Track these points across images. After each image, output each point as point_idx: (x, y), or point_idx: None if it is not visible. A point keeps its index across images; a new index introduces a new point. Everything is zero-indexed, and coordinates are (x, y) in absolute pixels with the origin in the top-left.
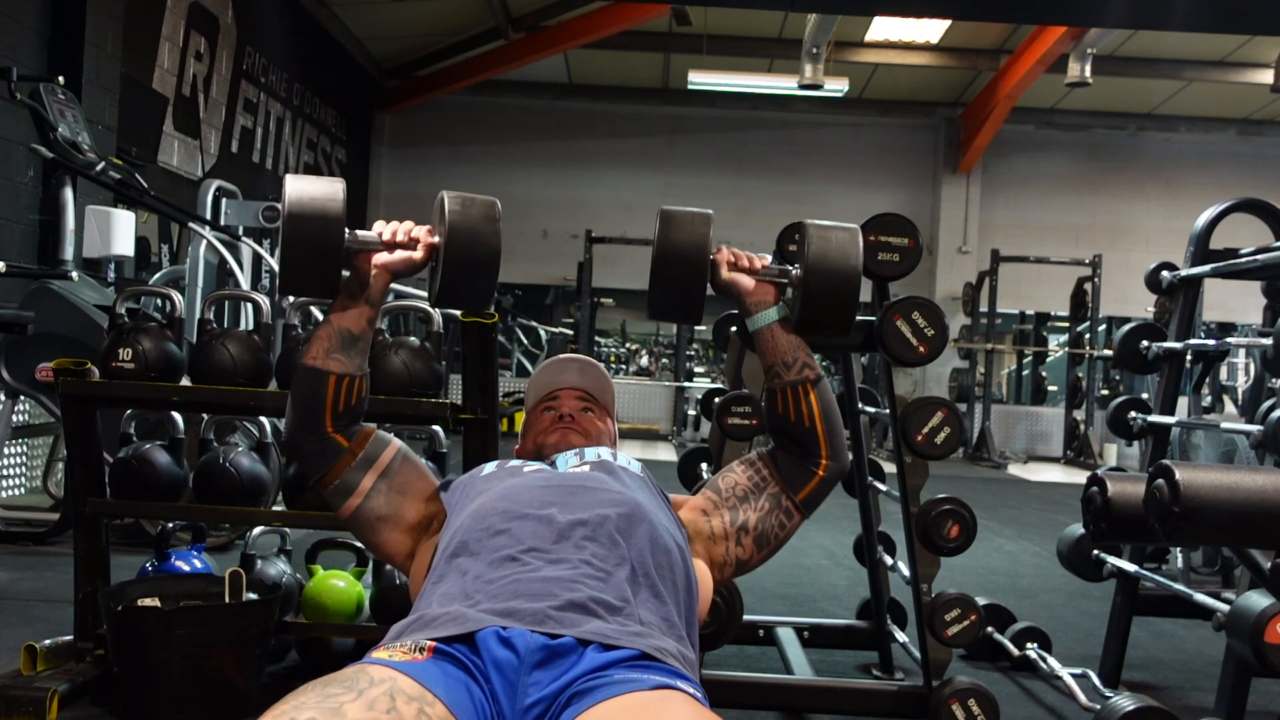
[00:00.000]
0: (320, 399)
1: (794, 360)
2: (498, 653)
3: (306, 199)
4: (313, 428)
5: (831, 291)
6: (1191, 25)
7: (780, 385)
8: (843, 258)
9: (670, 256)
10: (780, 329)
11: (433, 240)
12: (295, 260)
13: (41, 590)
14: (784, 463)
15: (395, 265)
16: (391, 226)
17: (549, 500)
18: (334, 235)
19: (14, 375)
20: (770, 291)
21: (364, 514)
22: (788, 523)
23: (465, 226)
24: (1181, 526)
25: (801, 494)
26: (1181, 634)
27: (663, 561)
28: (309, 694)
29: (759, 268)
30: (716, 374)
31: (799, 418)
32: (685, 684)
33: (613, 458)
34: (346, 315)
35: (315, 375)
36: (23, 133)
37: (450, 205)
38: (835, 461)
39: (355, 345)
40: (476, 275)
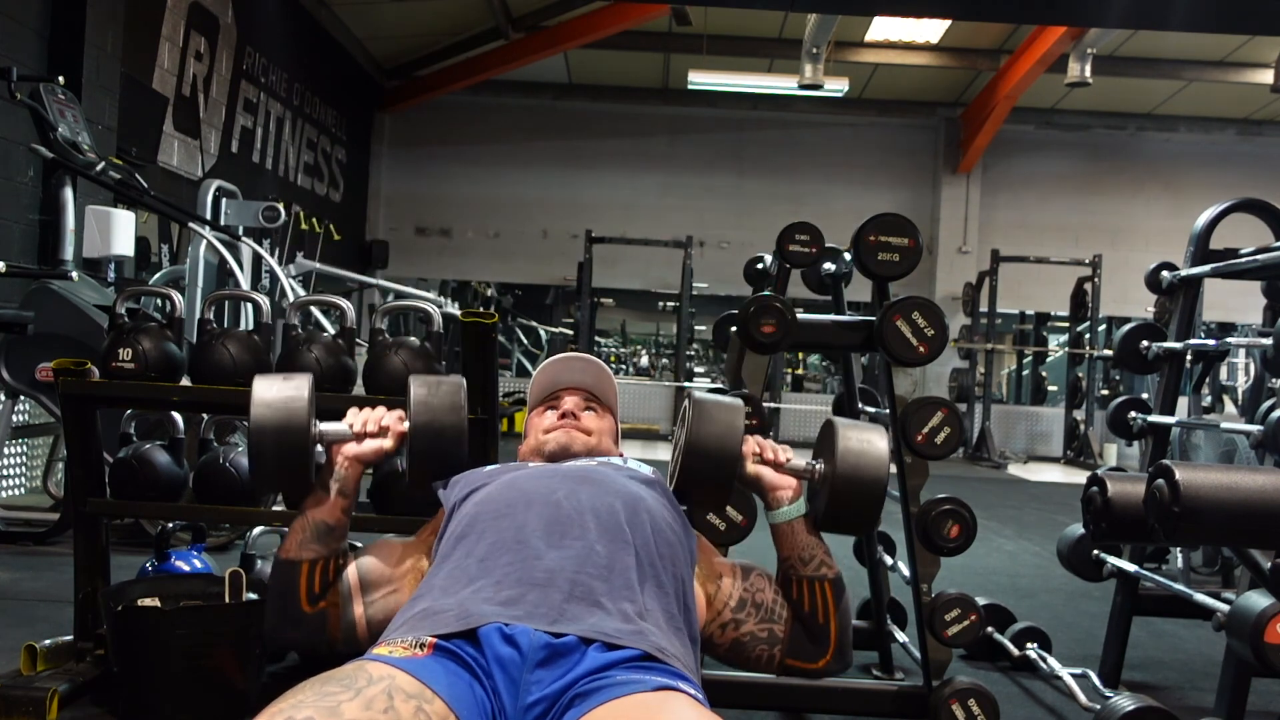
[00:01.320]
0: (294, 588)
1: (811, 558)
2: (501, 650)
3: (272, 406)
4: (291, 616)
5: (859, 495)
6: (1191, 25)
7: (796, 576)
8: (872, 463)
9: (700, 449)
10: (801, 525)
11: (402, 428)
12: (264, 467)
13: (41, 590)
14: (794, 633)
15: (366, 456)
16: (362, 416)
17: (555, 487)
18: (299, 439)
19: (14, 375)
20: (793, 485)
21: (378, 624)
22: (760, 663)
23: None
24: (1181, 526)
25: (791, 661)
26: (1181, 634)
27: (665, 552)
28: (306, 692)
29: (784, 461)
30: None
31: (813, 611)
32: (687, 685)
33: (622, 461)
34: (320, 508)
35: (288, 567)
36: (23, 133)
37: (415, 394)
38: (838, 663)
39: (331, 534)
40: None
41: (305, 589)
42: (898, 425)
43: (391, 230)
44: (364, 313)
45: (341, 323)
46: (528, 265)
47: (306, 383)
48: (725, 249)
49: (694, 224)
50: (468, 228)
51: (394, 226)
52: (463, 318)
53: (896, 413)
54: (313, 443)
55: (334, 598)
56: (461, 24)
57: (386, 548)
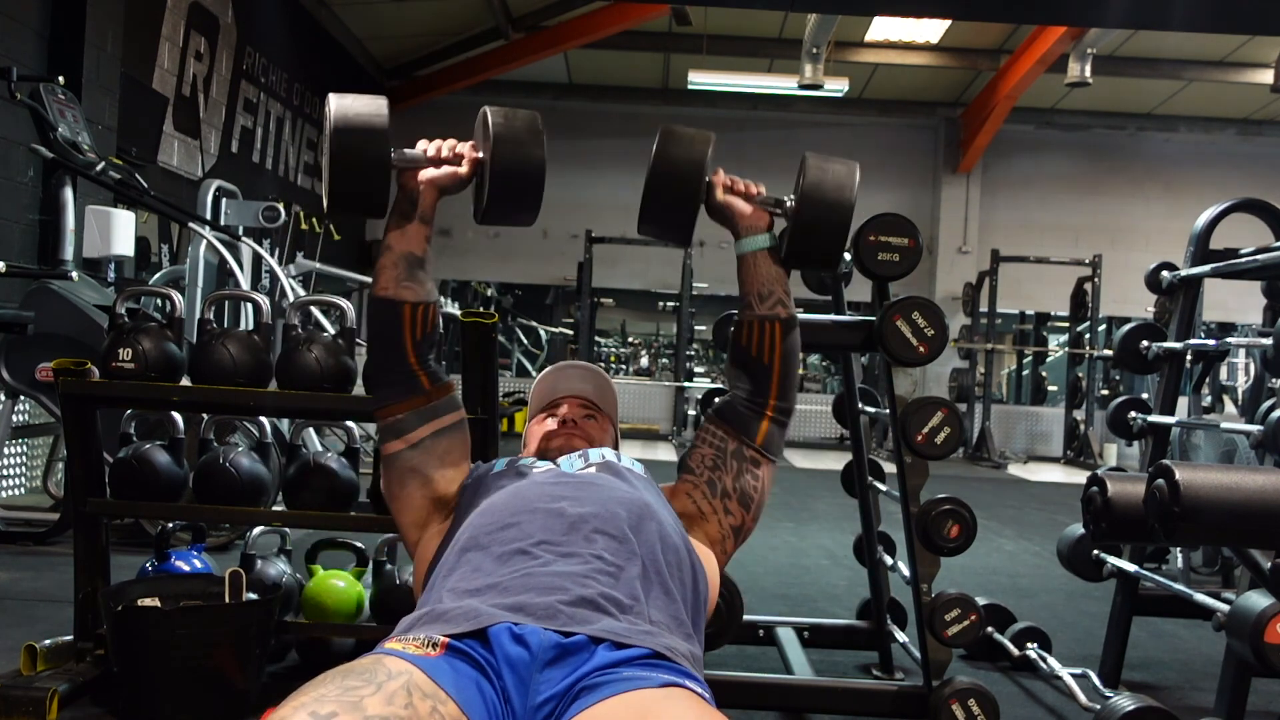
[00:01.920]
0: (399, 329)
1: (769, 294)
2: (510, 650)
3: (351, 115)
4: (397, 360)
5: (823, 221)
6: (1191, 25)
7: (750, 316)
8: (837, 190)
9: (667, 172)
10: (766, 257)
11: (477, 155)
12: (343, 175)
13: (41, 590)
14: (731, 416)
15: (442, 180)
16: (435, 143)
17: (559, 495)
18: (380, 149)
19: (14, 375)
20: (763, 218)
21: (404, 460)
22: (758, 471)
23: (510, 138)
24: (1181, 526)
25: (758, 438)
26: (1181, 634)
27: (672, 560)
28: (328, 685)
29: (755, 193)
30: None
31: (759, 353)
32: (693, 683)
33: (617, 458)
34: (405, 237)
35: (390, 306)
36: (23, 133)
37: (494, 119)
38: (783, 401)
39: (421, 268)
40: (523, 188)
41: (410, 336)
42: (898, 425)
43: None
44: (364, 313)
45: (341, 323)
46: (528, 265)
47: (384, 102)
48: (725, 249)
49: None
50: (468, 228)
51: None
52: (463, 318)
53: (896, 413)
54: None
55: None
56: (461, 24)
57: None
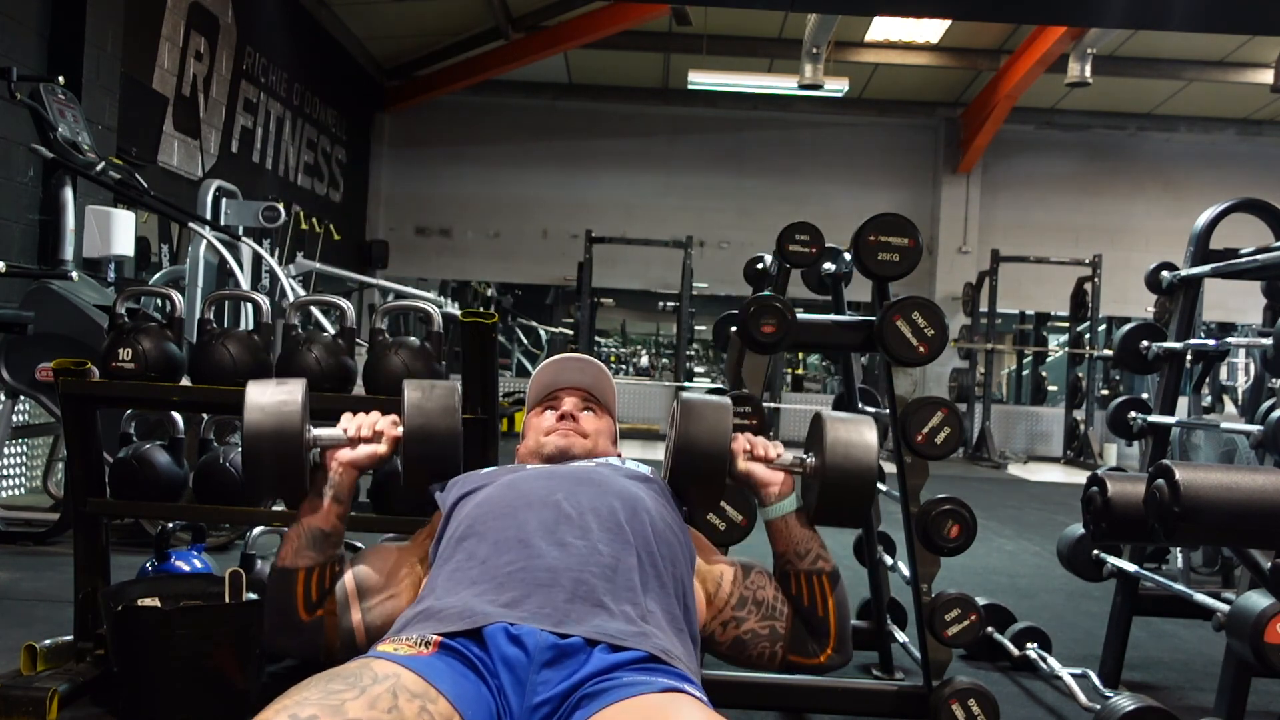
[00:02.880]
0: (291, 596)
1: (807, 551)
2: (507, 650)
3: (265, 411)
4: (289, 624)
5: (849, 487)
6: (1191, 25)
7: (793, 571)
8: (860, 452)
9: (691, 449)
10: (794, 519)
11: (396, 433)
12: (258, 473)
13: (41, 590)
14: (794, 629)
15: (361, 461)
16: (356, 421)
17: (555, 488)
18: (293, 444)
19: (14, 375)
20: (785, 481)
21: (376, 630)
22: (763, 661)
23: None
24: (1181, 526)
25: (794, 657)
26: (1181, 634)
27: (665, 553)
28: (311, 689)
29: (774, 456)
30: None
31: (812, 605)
32: (692, 687)
33: (620, 461)
34: (316, 515)
35: (285, 575)
36: (23, 133)
37: (409, 398)
38: (839, 655)
39: (326, 541)
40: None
41: (302, 597)
42: (898, 425)
43: (391, 230)
44: (364, 313)
45: (341, 323)
46: (528, 265)
47: (300, 388)
48: (725, 249)
49: (694, 224)
50: (468, 228)
51: (394, 226)
52: (463, 318)
53: (896, 413)
54: (307, 448)
55: (331, 605)
56: (461, 24)
57: (383, 553)
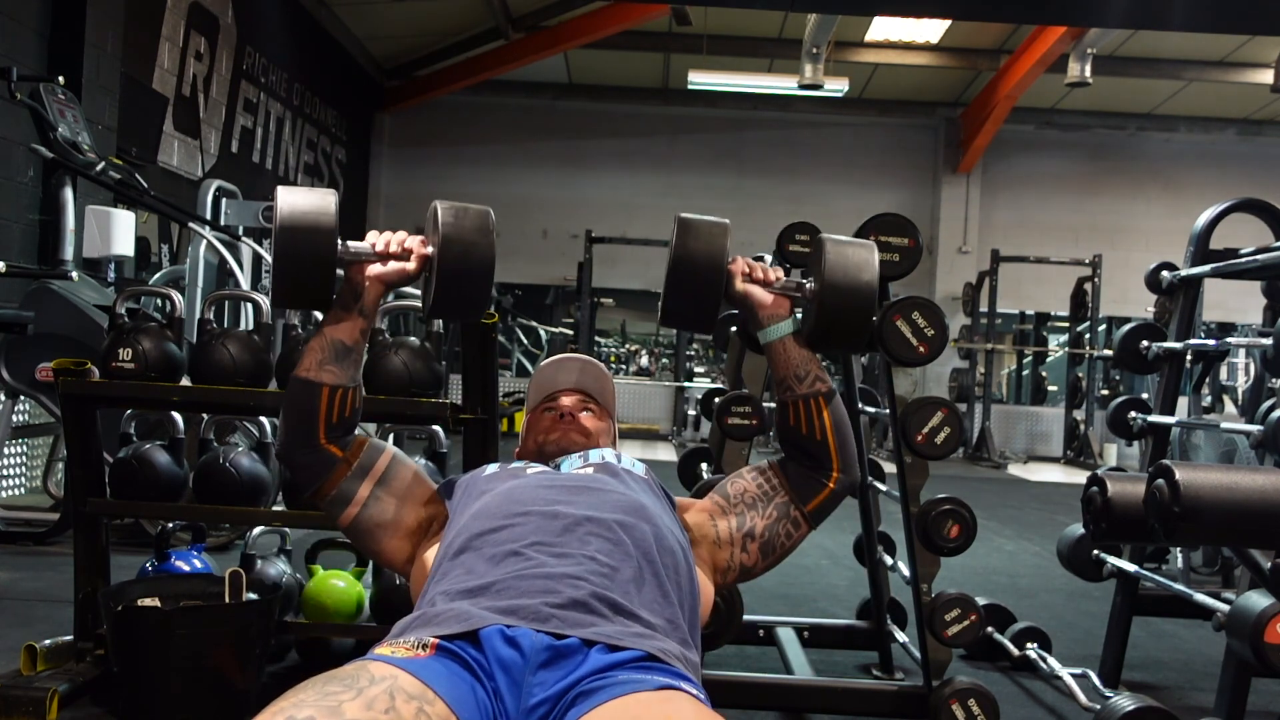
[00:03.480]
0: (314, 411)
1: (806, 374)
2: (503, 651)
3: (298, 211)
4: (306, 440)
5: (846, 307)
6: (1191, 25)
7: (792, 398)
8: (859, 273)
9: (686, 265)
10: (792, 342)
11: (426, 251)
12: (288, 273)
13: (41, 590)
14: (794, 473)
15: (389, 276)
16: (385, 237)
17: (554, 498)
18: (326, 247)
19: (14, 375)
20: (784, 304)
21: (363, 522)
22: (794, 532)
23: (458, 237)
24: (1181, 526)
25: (811, 505)
26: (1181, 634)
27: (668, 562)
28: (308, 691)
29: (773, 280)
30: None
31: (810, 430)
32: (688, 685)
33: (616, 460)
34: (340, 327)
35: (308, 387)
36: (23, 133)
37: (443, 216)
38: (846, 474)
39: (349, 357)
40: (470, 286)
41: (324, 416)
42: (898, 425)
43: (391, 230)
44: None
45: None
46: (528, 265)
47: (334, 197)
48: None
49: None
50: None
51: (394, 226)
52: None
53: (896, 413)
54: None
55: (351, 455)
56: (461, 24)
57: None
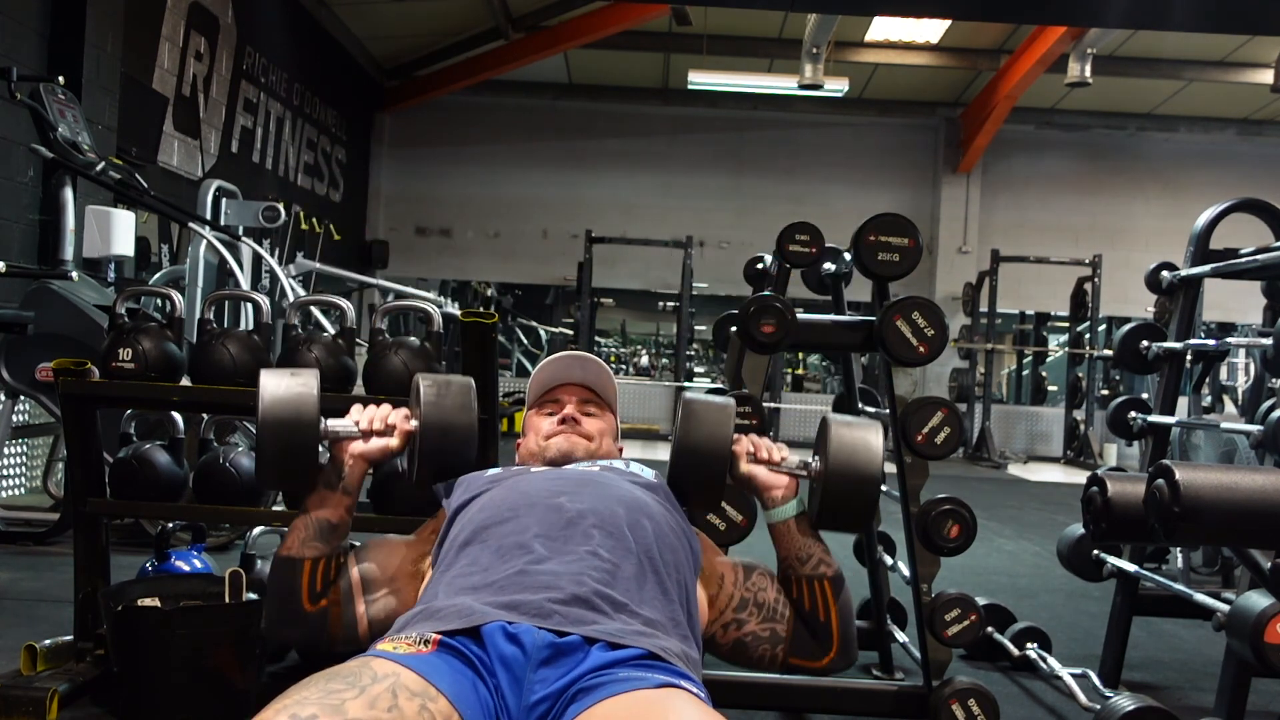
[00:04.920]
0: (296, 587)
1: (809, 556)
2: (504, 648)
3: (280, 401)
4: (292, 615)
5: (852, 492)
6: (1191, 25)
7: (796, 576)
8: (864, 456)
9: (691, 450)
10: (796, 525)
11: (409, 427)
12: (271, 459)
13: (41, 590)
14: (797, 632)
15: (372, 454)
16: (368, 413)
17: (558, 490)
18: (308, 435)
19: (14, 375)
20: (790, 484)
21: (378, 623)
22: (764, 663)
23: (439, 416)
24: (1181, 526)
25: (795, 660)
26: (1181, 634)
27: (669, 559)
28: (311, 689)
29: (778, 460)
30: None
31: (814, 609)
32: (689, 683)
33: (624, 465)
34: (324, 507)
35: (290, 565)
36: (23, 133)
37: (425, 394)
38: (842, 659)
39: (334, 533)
40: (451, 458)
41: (307, 587)
42: (898, 425)
43: (391, 230)
44: (364, 313)
45: (341, 323)
46: (528, 265)
47: (314, 379)
48: (725, 249)
49: (694, 224)
50: (468, 228)
51: (394, 226)
52: (463, 318)
53: (896, 413)
54: (320, 440)
55: (335, 596)
56: (461, 24)
57: (388, 547)
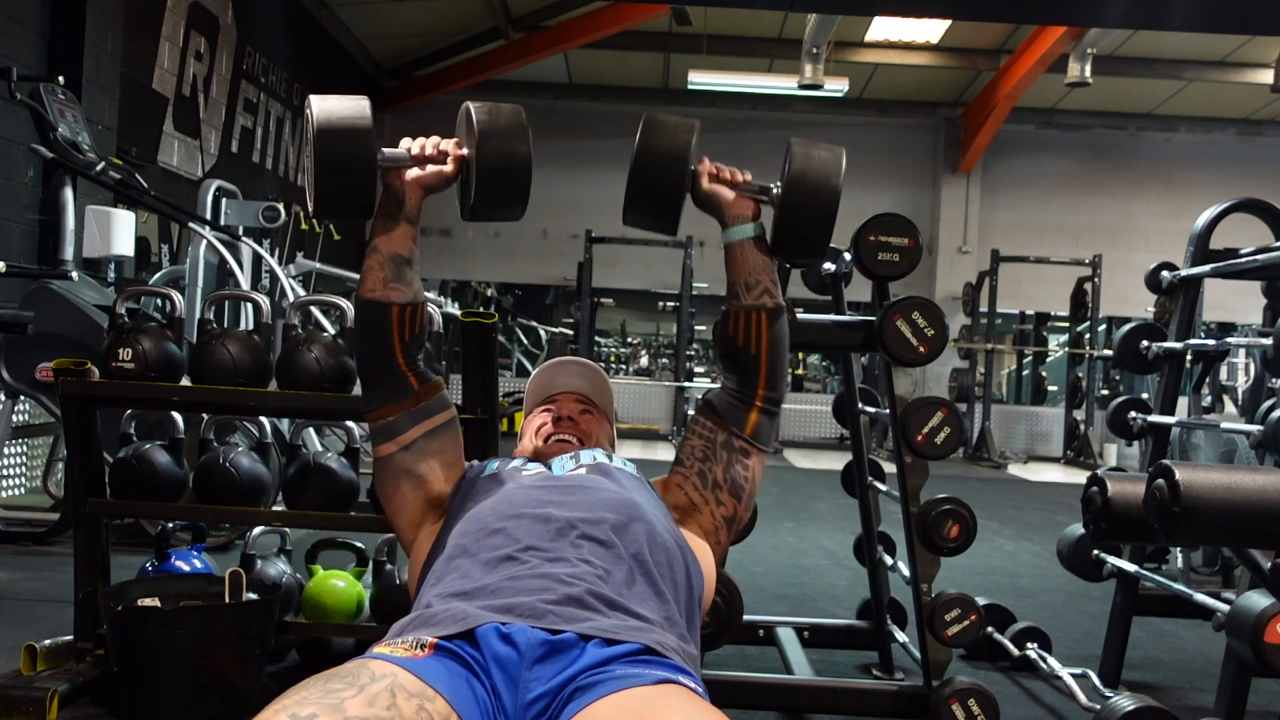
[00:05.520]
0: (387, 331)
1: (756, 283)
2: (499, 649)
3: (335, 116)
4: (384, 359)
5: (809, 209)
6: (1191, 25)
7: (737, 307)
8: (824, 177)
9: (650, 162)
10: (753, 246)
11: (462, 152)
12: (329, 179)
13: (41, 590)
14: (721, 407)
15: (428, 180)
16: (419, 141)
17: (546, 500)
18: (366, 149)
19: (14, 375)
20: (750, 206)
21: (397, 462)
22: (748, 461)
23: (494, 134)
24: (1181, 526)
25: (747, 428)
26: (1181, 634)
27: (662, 560)
28: (310, 689)
29: (740, 181)
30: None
31: (746, 343)
32: (687, 678)
33: (608, 459)
34: (392, 238)
35: (378, 308)
36: (23, 133)
37: (477, 115)
38: (772, 392)
39: (409, 267)
40: (510, 183)
41: (398, 335)
42: (898, 425)
43: None
44: None
45: (341, 323)
46: (528, 265)
47: (366, 101)
48: None
49: (694, 224)
50: (468, 228)
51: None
52: (463, 318)
53: (896, 413)
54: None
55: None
56: (461, 24)
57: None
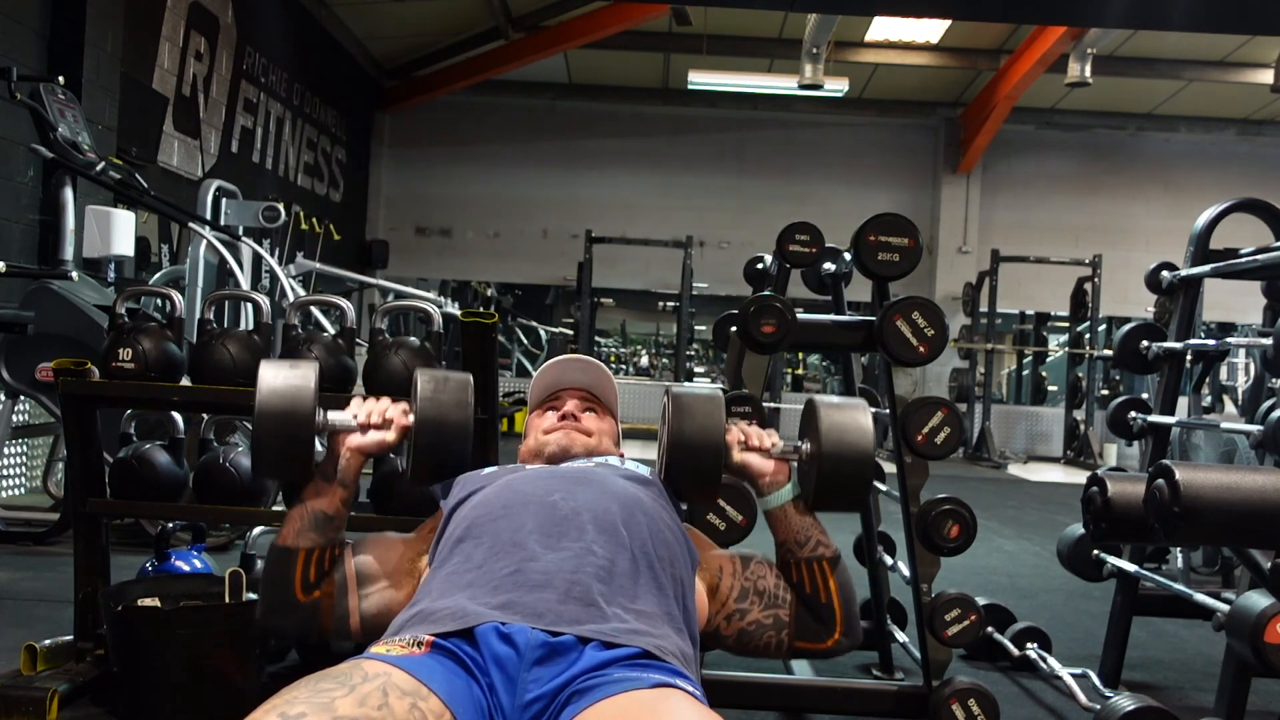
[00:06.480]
0: (289, 575)
1: (807, 539)
2: (498, 649)
3: (277, 393)
4: (284, 605)
5: (845, 472)
6: (1191, 25)
7: (795, 559)
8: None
9: (685, 444)
10: (793, 508)
11: (406, 421)
12: (268, 451)
13: (41, 590)
14: (804, 613)
15: (368, 447)
16: (366, 407)
17: (553, 487)
18: (304, 429)
19: (14, 375)
20: (784, 470)
21: (371, 618)
22: (771, 650)
23: (435, 412)
24: (1181, 526)
25: (801, 644)
26: (1181, 634)
27: (663, 554)
28: (301, 689)
29: (769, 446)
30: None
31: (815, 591)
32: (684, 682)
33: (619, 461)
34: (320, 498)
35: (284, 554)
36: (23, 133)
37: (422, 389)
38: (848, 639)
39: (329, 524)
40: (445, 455)
41: (300, 577)
42: (898, 425)
43: (391, 230)
44: (364, 313)
45: (341, 323)
46: (528, 265)
47: (313, 370)
48: (725, 249)
49: (694, 224)
50: (468, 228)
51: (394, 226)
52: (463, 318)
53: (896, 413)
54: (317, 431)
55: (329, 588)
56: (461, 24)
57: (385, 543)
